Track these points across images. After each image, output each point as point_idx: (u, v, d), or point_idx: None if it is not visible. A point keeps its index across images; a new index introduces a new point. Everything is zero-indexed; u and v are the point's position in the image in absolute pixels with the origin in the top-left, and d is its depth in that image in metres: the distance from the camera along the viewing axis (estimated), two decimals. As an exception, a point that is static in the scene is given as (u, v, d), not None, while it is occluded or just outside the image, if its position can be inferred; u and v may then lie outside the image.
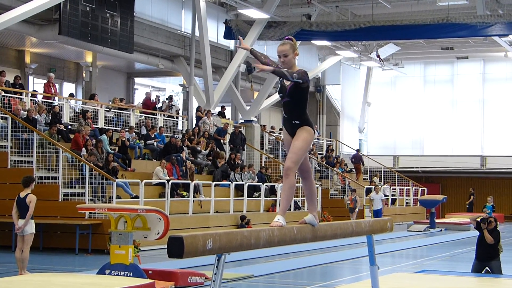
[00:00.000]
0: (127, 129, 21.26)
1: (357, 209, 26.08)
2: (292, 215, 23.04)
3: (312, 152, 30.71)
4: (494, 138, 38.68)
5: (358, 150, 33.96)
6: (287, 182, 5.94)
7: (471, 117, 39.37)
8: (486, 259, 11.36)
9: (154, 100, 25.95)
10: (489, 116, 39.17)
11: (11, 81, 20.01)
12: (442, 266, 15.03)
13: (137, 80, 31.85)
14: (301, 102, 6.10)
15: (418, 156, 39.41)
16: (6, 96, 18.56)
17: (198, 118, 25.62)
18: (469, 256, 12.47)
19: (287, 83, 6.05)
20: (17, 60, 24.44)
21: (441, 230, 26.59)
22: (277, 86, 6.16)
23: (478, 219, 11.49)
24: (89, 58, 25.49)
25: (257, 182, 22.99)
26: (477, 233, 11.59)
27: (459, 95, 39.89)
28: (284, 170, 6.01)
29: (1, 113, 17.50)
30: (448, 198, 30.79)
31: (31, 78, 25.24)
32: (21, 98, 19.36)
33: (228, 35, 27.81)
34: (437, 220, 27.84)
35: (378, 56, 34.47)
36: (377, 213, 25.32)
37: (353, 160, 33.11)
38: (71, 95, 22.69)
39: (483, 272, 11.34)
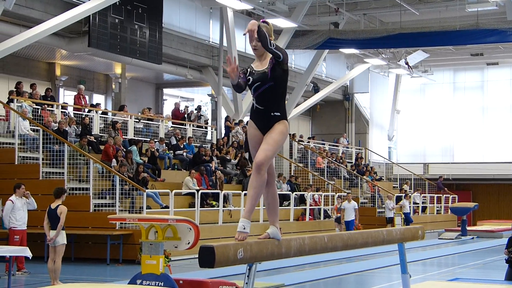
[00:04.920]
0: (156, 140, 21.36)
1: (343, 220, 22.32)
2: (321, 224, 22.98)
3: (341, 160, 30.62)
4: (526, 144, 38.21)
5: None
6: (259, 179, 5.16)
7: (502, 124, 38.90)
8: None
9: (183, 111, 26.05)
10: (521, 122, 38.74)
11: (42, 94, 20.26)
12: (475, 274, 14.86)
13: (165, 90, 31.99)
14: (284, 88, 5.36)
15: (449, 163, 39.05)
16: (38, 109, 18.77)
17: (227, 128, 25.66)
18: (502, 264, 12.29)
19: (264, 67, 5.35)
20: (48, 73, 24.70)
21: (472, 238, 26.30)
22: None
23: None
24: (118, 69, 25.68)
25: (287, 191, 22.96)
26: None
27: (490, 102, 39.47)
28: (255, 165, 5.18)
29: (33, 126, 17.72)
30: (480, 206, 30.45)
31: (61, 90, 25.49)
32: (52, 110, 19.58)
33: (256, 44, 27.81)
34: (468, 228, 27.55)
35: (406, 63, 34.32)
36: (348, 225, 21.83)
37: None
38: (95, 105, 22.80)
39: (518, 279, 11.19)
